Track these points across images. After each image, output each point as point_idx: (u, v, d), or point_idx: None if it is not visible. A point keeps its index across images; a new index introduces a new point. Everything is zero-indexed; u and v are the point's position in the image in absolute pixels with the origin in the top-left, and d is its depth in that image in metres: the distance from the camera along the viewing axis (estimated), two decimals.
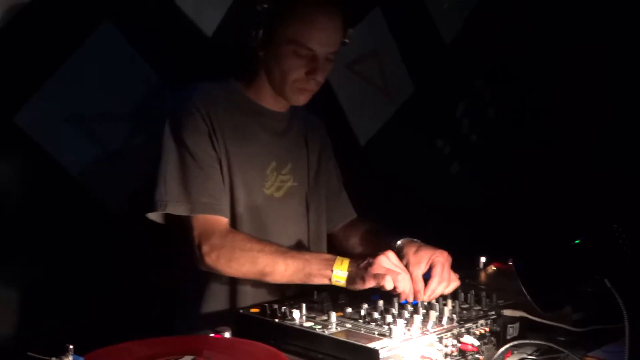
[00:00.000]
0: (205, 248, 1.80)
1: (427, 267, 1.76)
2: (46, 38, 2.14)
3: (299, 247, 2.03)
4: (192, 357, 1.27)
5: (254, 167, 1.97)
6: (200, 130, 1.89)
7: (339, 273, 1.70)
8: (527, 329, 1.71)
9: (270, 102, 2.02)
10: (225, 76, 2.06)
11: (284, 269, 1.77)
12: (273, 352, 1.33)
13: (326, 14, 1.86)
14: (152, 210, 1.88)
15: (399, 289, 1.64)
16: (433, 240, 1.92)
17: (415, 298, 1.69)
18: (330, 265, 1.71)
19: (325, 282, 1.72)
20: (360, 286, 1.67)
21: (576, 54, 3.11)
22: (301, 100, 1.96)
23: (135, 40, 2.30)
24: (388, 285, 1.63)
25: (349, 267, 1.70)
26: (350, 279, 1.69)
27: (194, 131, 1.89)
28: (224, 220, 1.88)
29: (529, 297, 1.50)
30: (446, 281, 1.72)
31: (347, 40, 1.96)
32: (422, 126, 3.17)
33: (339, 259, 1.72)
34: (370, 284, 1.65)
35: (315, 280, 1.74)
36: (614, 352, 1.55)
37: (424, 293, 1.69)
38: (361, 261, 1.69)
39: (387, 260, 1.66)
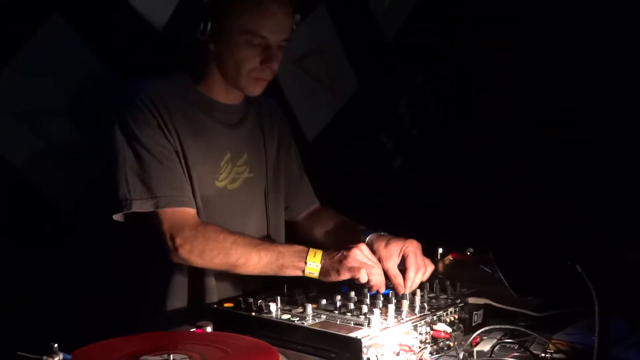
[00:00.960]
0: (178, 240, 1.79)
1: (400, 258, 1.80)
2: None
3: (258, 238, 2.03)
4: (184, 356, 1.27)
5: (207, 160, 1.96)
6: (151, 124, 1.87)
7: (313, 265, 1.72)
8: (489, 316, 1.79)
9: (223, 95, 2.01)
10: (174, 71, 2.04)
11: (257, 261, 1.77)
12: (261, 345, 1.35)
13: (276, 1, 1.86)
14: (118, 211, 1.85)
15: (372, 282, 1.69)
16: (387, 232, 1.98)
17: (397, 292, 1.73)
18: (303, 257, 1.73)
19: (298, 273, 1.75)
20: (334, 278, 1.70)
21: (511, 51, 3.22)
22: (257, 90, 1.96)
23: (85, 34, 2.26)
24: (363, 279, 1.67)
25: (322, 259, 1.72)
26: (324, 271, 1.72)
27: (145, 125, 1.86)
28: (192, 212, 1.87)
29: (506, 284, 1.56)
30: (422, 268, 1.77)
31: (295, 27, 1.96)
32: (366, 122, 3.22)
33: (312, 250, 1.74)
34: (344, 276, 1.69)
35: (288, 272, 1.76)
36: (574, 334, 1.63)
37: (405, 285, 1.73)
38: (335, 254, 1.72)
39: (361, 254, 1.70)
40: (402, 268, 1.77)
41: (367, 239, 1.91)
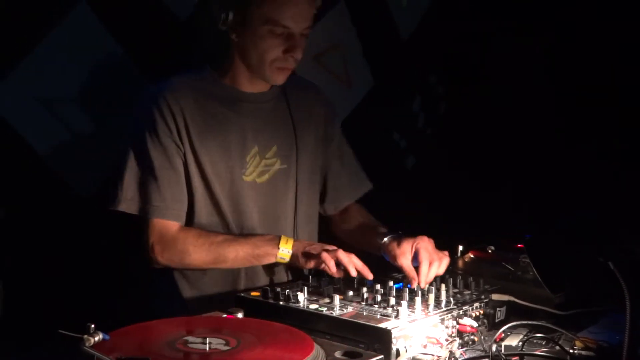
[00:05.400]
0: (157, 249, 1.90)
1: (412, 254, 1.82)
2: (22, 19, 2.09)
3: (283, 231, 2.03)
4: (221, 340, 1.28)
5: (231, 157, 1.97)
6: (160, 132, 1.91)
7: (284, 251, 1.85)
8: (510, 313, 1.79)
9: (249, 85, 2.01)
10: (200, 65, 2.06)
11: (234, 256, 1.88)
12: (295, 332, 1.35)
13: None
14: (110, 205, 1.93)
15: (344, 262, 1.76)
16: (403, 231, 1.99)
17: (411, 286, 1.75)
18: (276, 244, 1.86)
19: (272, 260, 1.88)
20: (301, 263, 1.84)
21: (527, 51, 3.23)
22: (280, 79, 1.95)
23: (110, 24, 2.27)
24: (328, 262, 1.77)
25: (293, 246, 1.85)
26: (294, 256, 1.85)
27: (154, 133, 1.91)
28: (175, 225, 1.92)
29: (539, 279, 1.57)
30: (436, 261, 1.78)
31: (316, 13, 1.95)
32: (381, 120, 3.23)
33: (284, 238, 1.87)
34: (309, 264, 1.82)
35: (263, 261, 1.89)
36: (598, 332, 1.64)
37: (419, 280, 1.75)
38: (305, 242, 1.88)
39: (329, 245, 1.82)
40: (417, 265, 1.80)
41: (385, 240, 1.94)
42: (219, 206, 1.96)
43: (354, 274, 1.76)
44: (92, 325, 1.23)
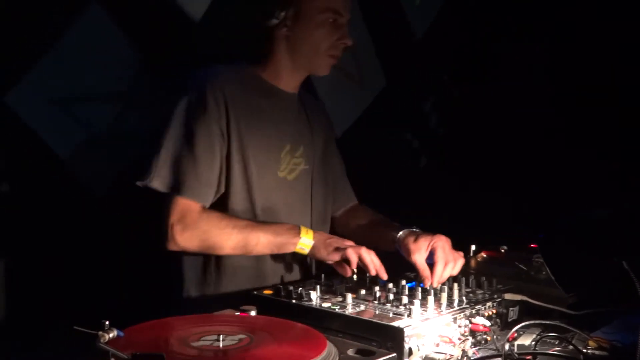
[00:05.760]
0: (178, 228, 1.84)
1: (428, 252, 1.83)
2: (36, 20, 2.10)
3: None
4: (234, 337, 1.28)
5: (270, 150, 2.00)
6: (208, 115, 1.90)
7: (305, 241, 1.85)
8: (523, 313, 1.79)
9: (286, 82, 2.04)
10: (236, 60, 2.07)
11: (256, 242, 1.87)
12: (308, 330, 1.36)
13: None
14: (141, 180, 1.89)
15: (366, 261, 1.77)
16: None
17: (424, 285, 1.75)
18: (297, 233, 1.86)
19: (292, 250, 1.88)
20: (323, 255, 1.85)
21: (540, 51, 3.22)
22: (328, 69, 2.03)
23: (123, 24, 2.28)
24: (351, 257, 1.79)
25: (314, 237, 1.86)
26: (316, 247, 1.85)
27: (201, 115, 1.90)
28: (199, 206, 1.89)
29: (553, 279, 1.56)
30: (452, 262, 1.79)
31: None
32: (393, 120, 3.23)
33: (303, 228, 1.87)
34: (333, 256, 1.83)
35: (283, 249, 1.88)
36: (612, 333, 1.63)
37: (432, 279, 1.75)
38: (328, 234, 1.89)
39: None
40: (432, 262, 1.80)
41: (400, 234, 1.94)
42: (251, 197, 1.97)
43: (373, 273, 1.77)
44: (107, 322, 1.24)
